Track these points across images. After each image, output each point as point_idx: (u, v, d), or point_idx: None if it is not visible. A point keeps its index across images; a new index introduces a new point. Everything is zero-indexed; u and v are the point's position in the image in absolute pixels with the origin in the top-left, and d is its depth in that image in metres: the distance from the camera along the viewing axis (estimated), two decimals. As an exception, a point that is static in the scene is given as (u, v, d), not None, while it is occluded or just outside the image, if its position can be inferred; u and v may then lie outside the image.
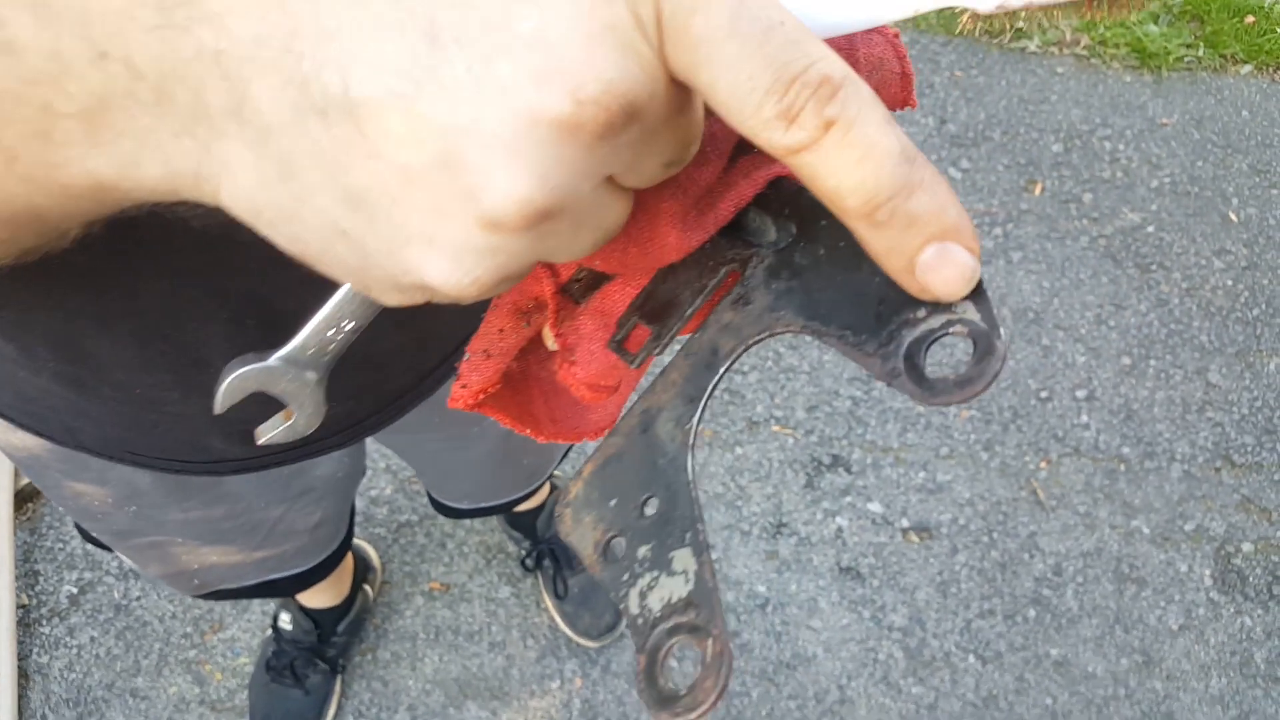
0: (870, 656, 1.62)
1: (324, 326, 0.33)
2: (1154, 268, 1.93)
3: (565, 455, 1.30)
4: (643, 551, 0.32)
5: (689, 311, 0.38)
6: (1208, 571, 1.67)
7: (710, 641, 0.29)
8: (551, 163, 0.23)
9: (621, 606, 0.32)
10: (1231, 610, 1.65)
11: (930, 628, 1.64)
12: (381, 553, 1.67)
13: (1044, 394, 1.79)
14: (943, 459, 1.74)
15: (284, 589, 1.15)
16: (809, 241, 0.34)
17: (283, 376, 0.34)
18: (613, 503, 0.35)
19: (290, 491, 0.94)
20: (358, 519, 1.68)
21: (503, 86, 0.22)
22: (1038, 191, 2.00)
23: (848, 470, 1.74)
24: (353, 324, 0.33)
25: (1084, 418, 1.77)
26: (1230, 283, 1.93)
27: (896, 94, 0.46)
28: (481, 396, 0.45)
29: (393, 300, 0.27)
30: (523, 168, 0.23)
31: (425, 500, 1.65)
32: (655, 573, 0.31)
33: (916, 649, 1.62)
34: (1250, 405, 1.80)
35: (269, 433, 0.37)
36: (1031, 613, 1.65)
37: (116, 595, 1.64)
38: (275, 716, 1.50)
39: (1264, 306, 1.91)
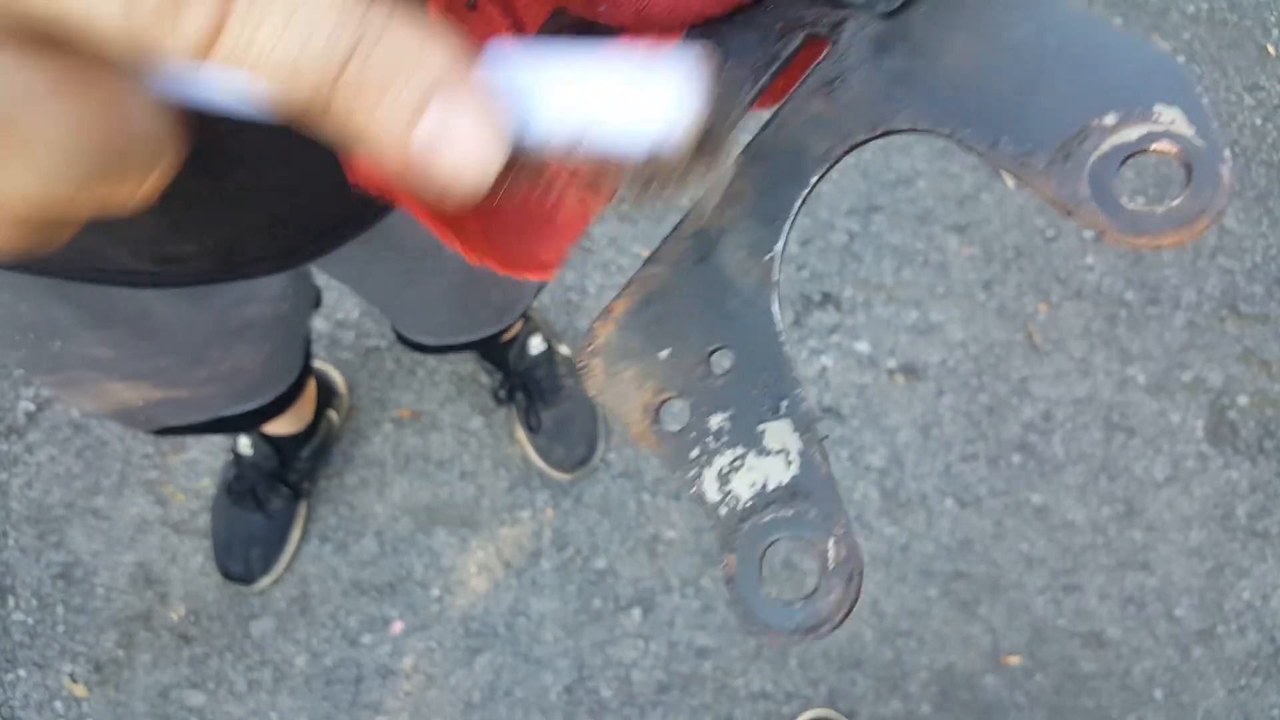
0: (845, 496, 1.59)
1: None
2: (1179, 101, 1.80)
3: (540, 290, 1.21)
4: (716, 421, 0.25)
5: (750, 94, 0.27)
6: (1200, 423, 1.63)
7: (831, 543, 0.23)
8: None
9: (693, 491, 0.25)
10: (1220, 463, 1.61)
11: (909, 469, 1.60)
12: (349, 378, 1.61)
13: (1050, 232, 1.70)
14: (938, 298, 1.66)
15: (239, 425, 1.09)
16: (935, 2, 0.25)
17: None
18: (665, 354, 0.26)
19: (229, 326, 0.86)
20: (323, 342, 1.61)
21: None
22: (1062, 12, 1.84)
23: (838, 308, 1.66)
24: None
25: (1089, 259, 1.68)
26: (1259, 121, 1.80)
27: None
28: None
29: None
30: None
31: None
32: (739, 450, 0.24)
33: (893, 490, 1.59)
34: (1264, 253, 1.71)
35: None
36: (1015, 458, 1.61)
37: (75, 413, 1.59)
38: (236, 540, 1.48)
39: (1291, 148, 1.79)
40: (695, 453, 0.25)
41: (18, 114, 0.17)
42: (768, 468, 0.24)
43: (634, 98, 0.20)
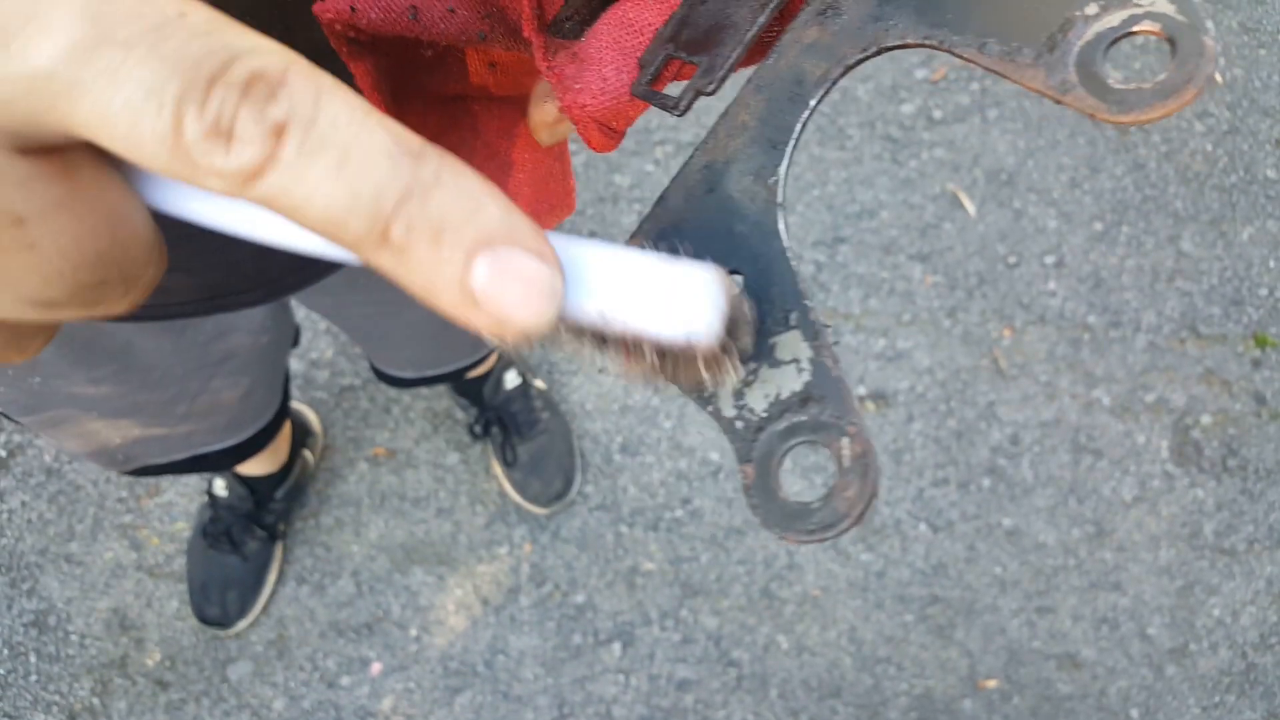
0: (822, 525, 1.60)
1: None
2: (1132, 130, 1.85)
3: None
4: None
5: (750, 34, 0.29)
6: (1165, 443, 1.66)
7: (846, 441, 0.23)
8: None
9: (710, 410, 0.26)
10: (1186, 482, 1.64)
11: (882, 495, 1.62)
12: (323, 417, 1.61)
13: (1012, 259, 1.73)
14: (904, 326, 1.69)
15: (217, 464, 1.10)
16: None
17: None
18: None
19: (209, 359, 0.87)
20: (297, 382, 1.62)
21: None
22: (1018, 46, 1.89)
23: (807, 337, 1.68)
24: None
25: (1051, 285, 1.72)
26: (1210, 147, 1.85)
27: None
28: (342, 27, 0.34)
29: None
30: None
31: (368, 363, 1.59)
32: (752, 365, 0.25)
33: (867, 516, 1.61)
34: (1220, 275, 1.76)
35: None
36: (986, 482, 1.63)
37: (47, 459, 1.58)
38: (213, 583, 1.47)
39: (1242, 173, 1.84)
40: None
41: (29, 221, 0.17)
42: (781, 378, 0.25)
43: (664, 295, 0.22)
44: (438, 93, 0.41)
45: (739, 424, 0.25)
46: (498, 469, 1.58)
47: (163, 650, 1.51)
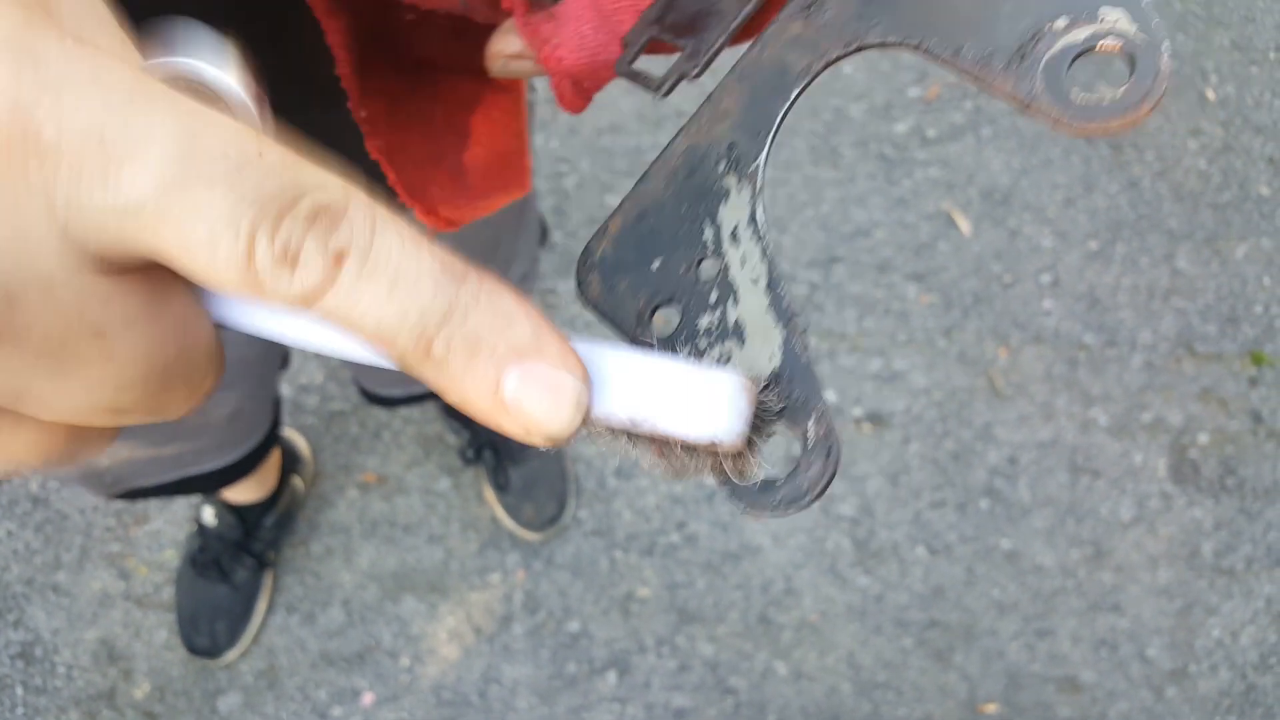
0: (818, 547, 1.59)
1: None
2: (1126, 148, 1.84)
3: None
4: (705, 322, 0.27)
5: (735, 22, 0.30)
6: (1162, 463, 1.65)
7: (810, 422, 0.25)
8: None
9: None
10: (1183, 502, 1.63)
11: (880, 518, 1.60)
12: (312, 443, 1.59)
13: (1007, 278, 1.72)
14: (900, 346, 1.68)
15: (205, 485, 1.09)
16: None
17: None
18: (655, 264, 0.28)
19: None
20: (287, 407, 1.60)
21: None
22: (1010, 64, 1.89)
23: (801, 358, 1.67)
24: None
25: (1046, 304, 1.71)
26: (1204, 165, 1.85)
27: None
28: None
29: None
30: None
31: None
32: (725, 344, 0.26)
33: (865, 539, 1.59)
34: (1216, 293, 1.75)
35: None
36: (983, 504, 1.62)
37: (34, 487, 1.56)
38: (202, 612, 1.45)
39: (1236, 190, 1.84)
40: (685, 351, 0.27)
41: (109, 334, 0.18)
42: (751, 359, 0.26)
43: (689, 401, 0.23)
44: (408, 58, 0.42)
45: None
46: (490, 494, 1.56)
47: (151, 681, 1.49)
